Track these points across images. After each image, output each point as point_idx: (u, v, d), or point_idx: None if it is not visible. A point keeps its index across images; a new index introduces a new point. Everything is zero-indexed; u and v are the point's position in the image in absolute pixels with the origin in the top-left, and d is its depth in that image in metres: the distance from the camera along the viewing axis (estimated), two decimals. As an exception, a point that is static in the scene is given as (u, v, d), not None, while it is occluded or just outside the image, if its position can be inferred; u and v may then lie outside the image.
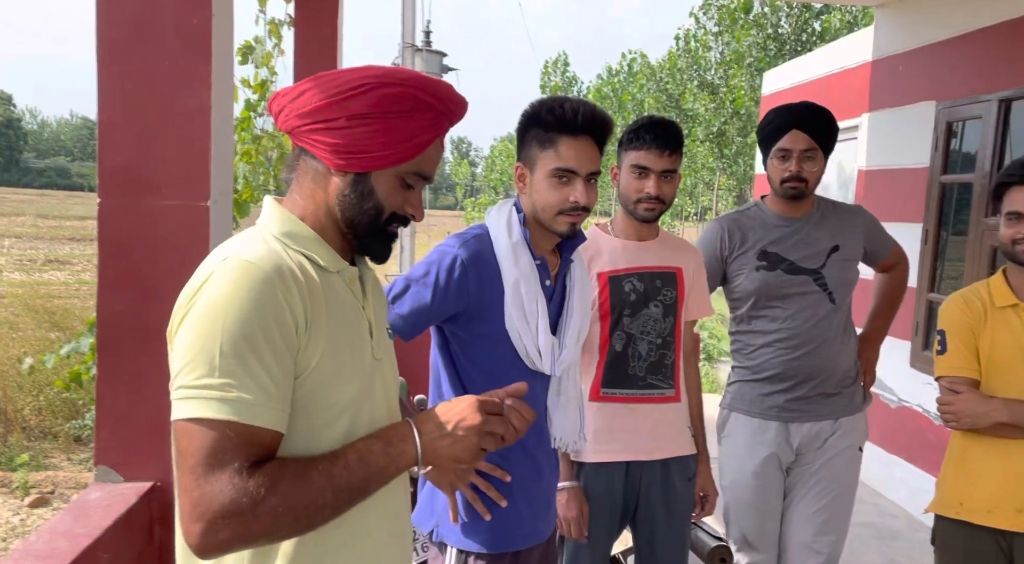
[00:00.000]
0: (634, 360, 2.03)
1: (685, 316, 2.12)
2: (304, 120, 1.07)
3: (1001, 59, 3.69)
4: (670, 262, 2.08)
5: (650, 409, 2.05)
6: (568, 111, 1.51)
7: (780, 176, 2.21)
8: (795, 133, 2.18)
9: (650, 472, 2.05)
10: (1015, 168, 1.93)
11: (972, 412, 1.88)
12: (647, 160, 1.96)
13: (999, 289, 1.97)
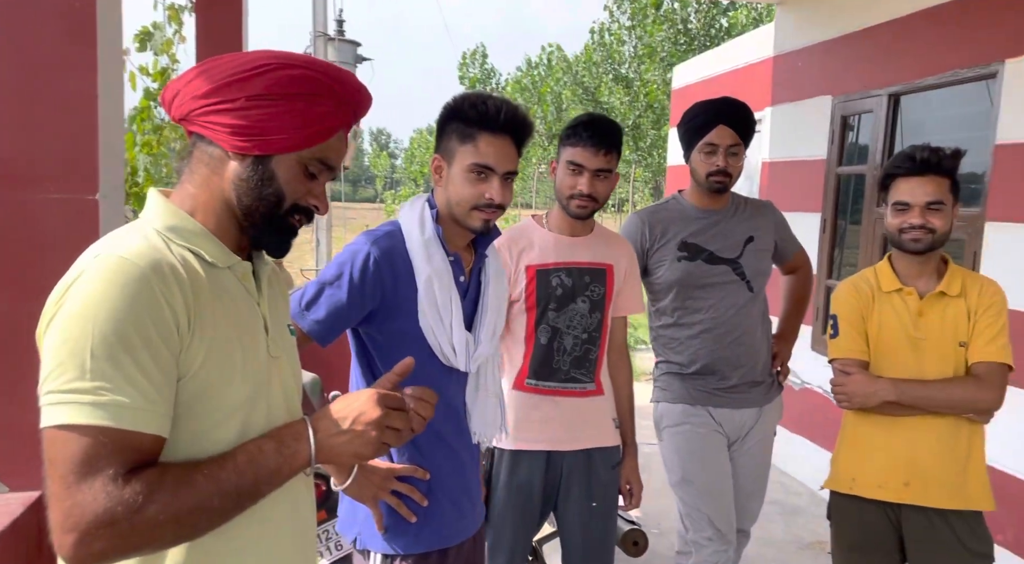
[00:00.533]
0: (559, 354, 2.05)
1: (615, 312, 2.15)
2: (200, 102, 1.03)
3: (890, 55, 3.89)
4: (602, 258, 2.10)
5: (572, 402, 2.07)
6: (491, 108, 1.50)
7: (707, 170, 2.27)
8: (722, 128, 2.25)
9: (572, 461, 2.08)
10: (900, 160, 2.03)
11: (862, 392, 1.98)
12: (582, 158, 1.99)
13: (885, 275, 2.07)
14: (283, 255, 1.15)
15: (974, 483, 1.97)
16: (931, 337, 1.98)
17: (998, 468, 3.11)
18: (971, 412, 1.94)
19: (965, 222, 3.37)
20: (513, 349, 2.09)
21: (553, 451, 2.07)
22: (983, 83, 3.28)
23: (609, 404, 2.16)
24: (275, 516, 1.09)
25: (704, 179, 2.27)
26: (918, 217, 1.95)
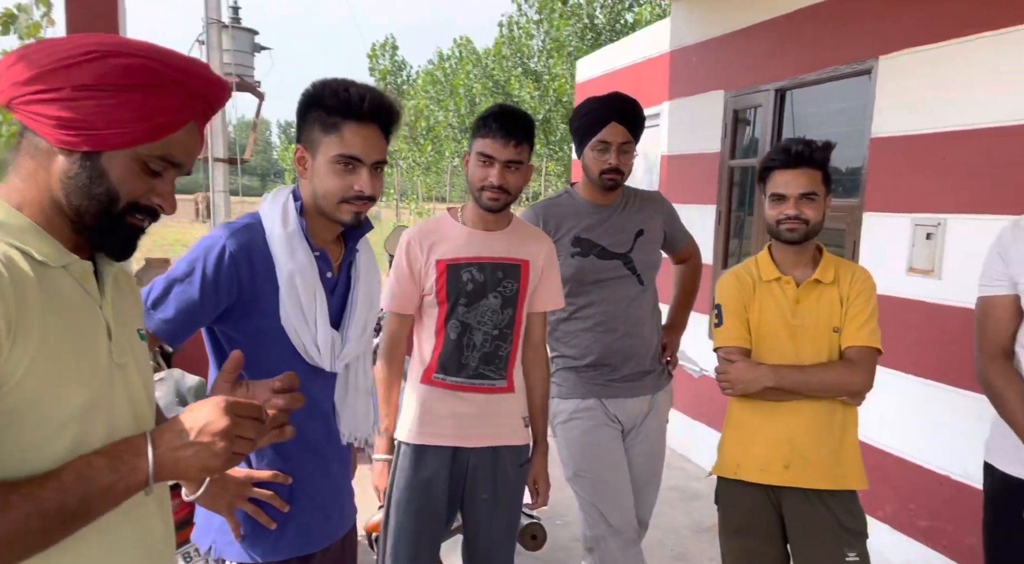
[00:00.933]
0: (468, 349, 2.02)
1: (532, 308, 2.12)
2: (23, 89, 0.94)
3: (775, 51, 4.02)
4: (517, 254, 2.07)
5: (479, 398, 2.05)
6: (354, 95, 1.43)
7: (599, 168, 2.27)
8: (614, 126, 2.25)
9: (478, 458, 2.06)
10: (776, 153, 2.09)
11: (743, 379, 2.03)
12: (492, 149, 1.95)
13: (765, 264, 2.13)
14: (125, 257, 1.07)
15: (848, 463, 2.05)
16: (807, 324, 2.05)
17: (878, 446, 3.28)
18: (844, 395, 2.02)
19: (845, 212, 3.52)
20: (423, 343, 2.06)
21: (459, 447, 2.04)
22: (861, 78, 3.42)
23: (520, 402, 2.13)
24: (123, 534, 1.01)
25: (597, 176, 2.28)
26: (793, 208, 2.01)
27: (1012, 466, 1.92)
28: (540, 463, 2.18)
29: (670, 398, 2.51)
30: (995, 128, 2.74)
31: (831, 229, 3.65)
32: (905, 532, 3.11)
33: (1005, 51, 2.70)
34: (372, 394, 1.67)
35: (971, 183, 2.85)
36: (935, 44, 2.99)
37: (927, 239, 3.04)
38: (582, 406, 2.34)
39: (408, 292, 2.04)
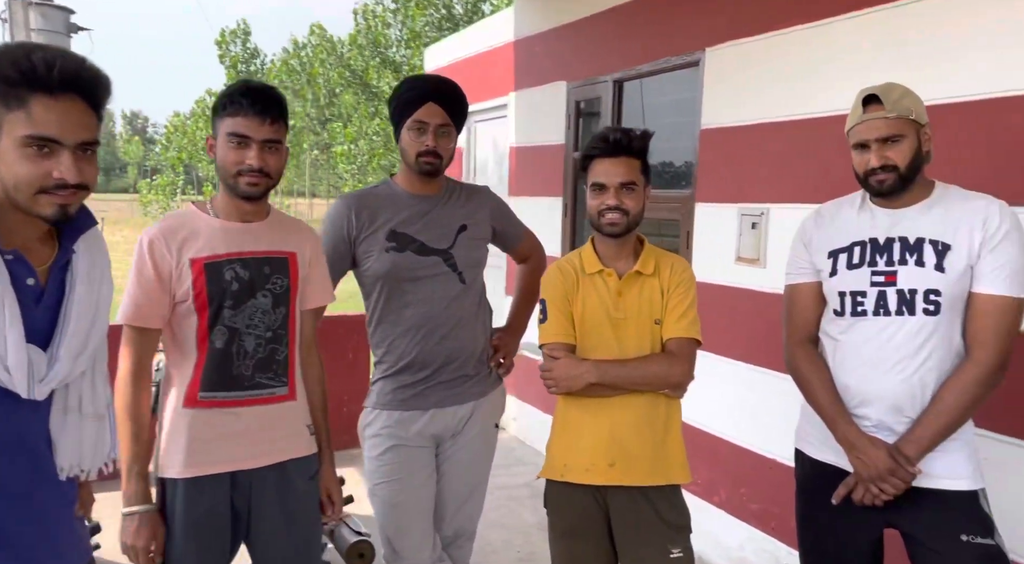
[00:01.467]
0: (239, 358, 1.79)
1: (303, 305, 1.93)
2: None
3: (612, 43, 4.02)
4: (281, 246, 1.86)
5: (258, 411, 1.83)
6: (39, 63, 1.18)
7: (416, 150, 2.11)
8: (431, 106, 2.10)
9: (262, 479, 1.84)
10: (596, 141, 2.02)
11: (568, 376, 1.95)
12: (246, 128, 1.74)
13: (588, 257, 2.06)
14: None
15: (672, 457, 2.01)
16: (630, 316, 2.00)
17: (712, 433, 3.34)
18: (666, 387, 1.98)
19: (679, 203, 3.57)
20: (180, 361, 1.80)
21: (239, 471, 1.82)
22: (690, 70, 3.46)
23: (304, 409, 1.95)
24: None
25: (414, 160, 2.12)
26: (613, 198, 1.95)
27: (820, 452, 1.94)
28: (329, 472, 2.00)
29: (501, 402, 2.39)
30: (811, 119, 2.82)
31: (666, 220, 3.69)
32: (738, 516, 3.19)
33: (820, 43, 2.78)
34: (106, 417, 1.42)
35: (790, 173, 2.93)
36: (756, 36, 3.06)
37: (752, 229, 3.10)
38: (391, 421, 2.18)
39: (156, 301, 1.77)
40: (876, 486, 1.77)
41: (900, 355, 1.78)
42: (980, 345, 1.74)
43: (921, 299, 1.76)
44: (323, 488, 1.97)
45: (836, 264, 1.89)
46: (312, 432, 1.96)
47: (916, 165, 1.79)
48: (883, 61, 2.51)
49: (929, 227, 1.79)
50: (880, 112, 1.77)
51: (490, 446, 2.35)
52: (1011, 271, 1.71)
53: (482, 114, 5.85)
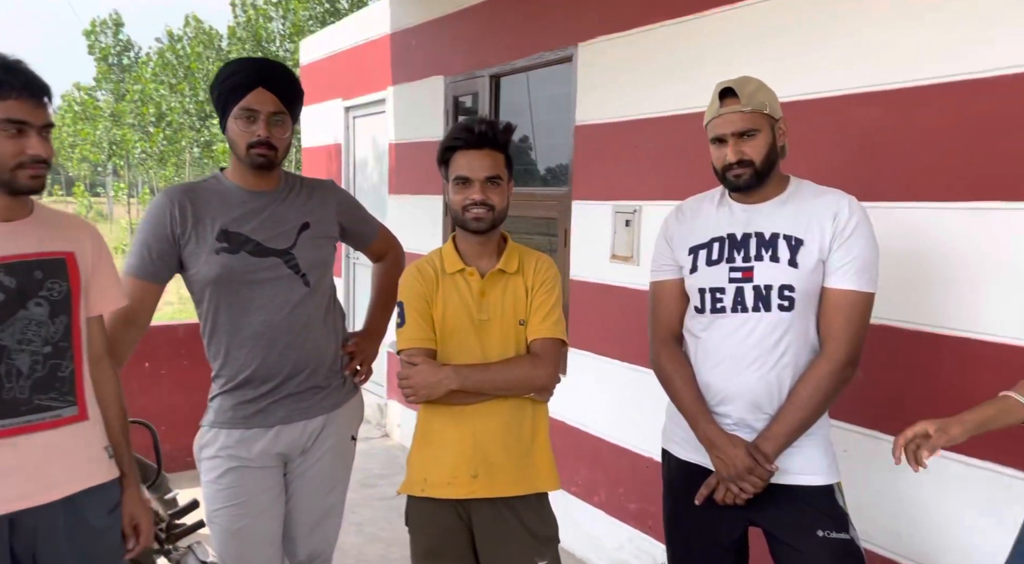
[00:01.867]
0: (11, 379, 1.55)
1: (89, 311, 1.70)
2: None
3: (488, 37, 3.93)
4: (54, 245, 1.63)
5: (42, 438, 1.59)
6: None
7: (246, 140, 1.91)
8: (261, 92, 1.89)
9: (49, 519, 1.60)
10: (458, 132, 1.89)
11: (427, 383, 1.82)
12: (23, 113, 1.52)
13: (449, 256, 1.94)
14: None
15: (539, 465, 1.92)
16: (493, 317, 1.89)
17: (592, 433, 3.30)
18: (531, 391, 1.89)
19: (557, 201, 3.51)
20: None
21: (20, 512, 1.57)
22: (564, 66, 3.41)
23: (99, 430, 1.72)
24: None
25: (244, 152, 1.92)
26: (479, 192, 1.84)
27: (684, 451, 1.91)
28: (133, 497, 1.77)
29: (358, 413, 2.23)
30: (680, 115, 2.82)
31: (545, 218, 3.63)
32: (617, 516, 3.16)
33: (687, 39, 2.78)
34: None
35: (661, 170, 2.92)
36: (626, 32, 3.03)
37: (626, 226, 3.08)
38: (231, 440, 1.98)
39: None
40: (736, 485, 1.74)
41: (758, 352, 1.76)
42: (832, 340, 1.74)
43: (776, 295, 1.75)
44: (126, 517, 1.75)
45: (696, 260, 1.86)
46: (111, 455, 1.73)
47: (771, 160, 1.78)
48: (747, 57, 2.52)
49: (783, 222, 1.78)
50: (736, 106, 1.75)
51: (346, 461, 2.19)
52: (860, 266, 1.71)
53: (361, 109, 5.65)
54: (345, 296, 5.85)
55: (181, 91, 20.80)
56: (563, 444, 3.34)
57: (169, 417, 4.24)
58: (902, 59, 2.11)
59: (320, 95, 6.26)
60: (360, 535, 3.62)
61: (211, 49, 19.49)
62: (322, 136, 6.28)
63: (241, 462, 1.98)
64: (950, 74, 2.00)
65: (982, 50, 1.93)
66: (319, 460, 2.09)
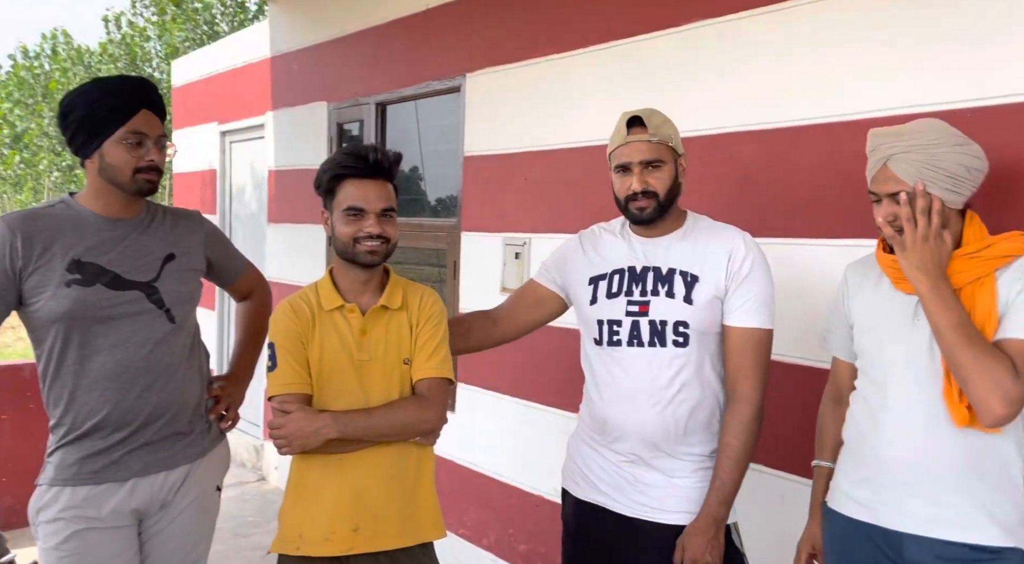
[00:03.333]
0: None
1: None
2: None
3: (375, 64, 3.82)
4: None
5: None
6: None
7: (134, 165, 1.75)
8: (147, 114, 1.77)
9: None
10: (350, 160, 1.76)
11: (302, 432, 1.67)
12: None
13: (326, 291, 1.80)
14: None
15: (424, 513, 1.80)
16: (376, 357, 1.77)
17: (482, 472, 3.19)
18: (417, 435, 1.77)
19: (445, 232, 3.43)
20: None
21: None
22: (453, 95, 3.35)
23: None
24: None
25: (129, 178, 1.75)
26: (375, 225, 1.72)
27: (584, 492, 1.85)
28: None
29: (223, 464, 2.03)
30: (568, 149, 2.81)
31: (434, 249, 3.54)
32: (506, 558, 3.05)
33: (573, 73, 2.78)
34: None
35: (550, 202, 2.89)
36: (513, 64, 3.01)
37: (516, 258, 3.03)
38: (76, 499, 1.75)
39: None
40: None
41: (654, 387, 1.73)
42: (744, 379, 1.72)
43: (671, 331, 1.73)
44: None
45: (596, 291, 1.83)
46: None
47: (673, 193, 1.78)
48: (632, 93, 2.54)
49: (679, 258, 1.77)
50: (644, 135, 1.73)
51: (210, 515, 1.98)
52: (758, 303, 1.72)
53: (238, 134, 5.38)
54: (219, 332, 5.50)
55: (39, 111, 19.36)
56: (451, 484, 3.22)
57: (11, 467, 3.82)
58: (780, 100, 2.17)
59: (194, 118, 5.94)
60: (231, 591, 3.33)
61: (79, 66, 18.27)
62: (196, 161, 5.94)
63: (88, 524, 1.75)
64: (822, 116, 2.07)
65: (848, 95, 2.01)
66: (180, 514, 1.88)
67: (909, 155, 1.50)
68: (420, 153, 3.83)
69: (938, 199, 1.48)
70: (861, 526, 1.59)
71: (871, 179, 1.57)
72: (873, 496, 1.57)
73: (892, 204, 1.52)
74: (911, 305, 1.55)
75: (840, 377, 1.77)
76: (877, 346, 1.60)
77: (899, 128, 1.58)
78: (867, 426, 1.59)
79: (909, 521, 1.51)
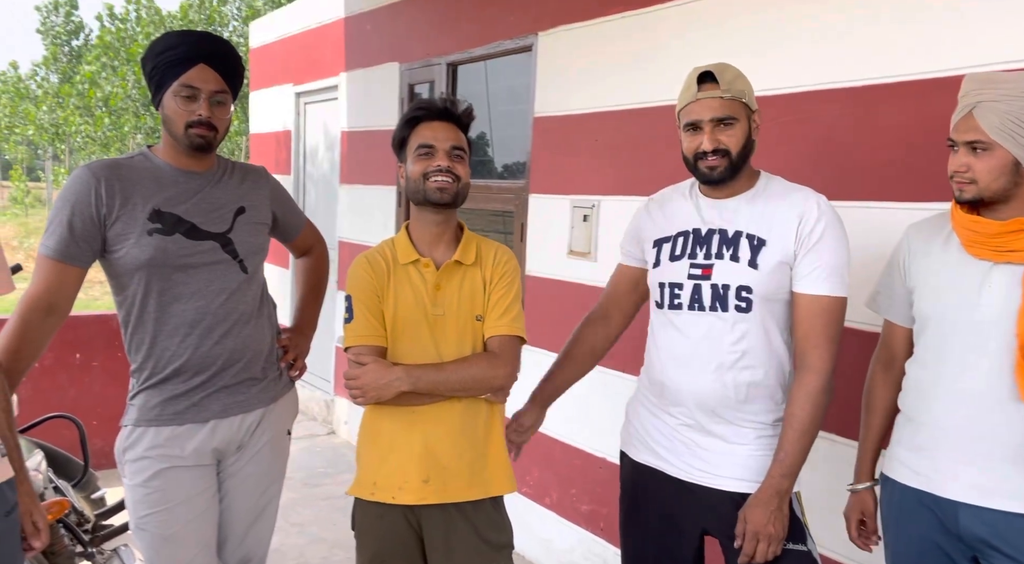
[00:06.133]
0: None
1: None
2: None
3: (446, 23, 3.82)
4: None
5: None
6: None
7: (185, 120, 1.79)
8: (203, 69, 1.78)
9: None
10: (424, 104, 1.83)
11: (376, 384, 1.71)
12: None
13: (402, 245, 1.83)
14: None
15: (494, 467, 1.83)
16: (449, 312, 1.79)
17: (543, 432, 3.22)
18: (487, 391, 1.80)
19: (513, 194, 3.43)
20: None
21: None
22: (524, 55, 3.32)
23: None
24: None
25: (182, 132, 1.80)
26: (445, 159, 1.74)
27: (640, 453, 1.85)
28: (28, 496, 1.60)
29: (292, 410, 2.11)
30: (640, 109, 2.76)
31: (501, 211, 3.54)
32: (568, 518, 3.09)
33: (649, 31, 2.72)
34: None
35: (621, 164, 2.85)
36: (587, 22, 2.96)
37: (584, 221, 3.01)
38: (160, 439, 1.84)
39: None
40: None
41: (712, 352, 1.70)
42: (812, 349, 1.66)
43: (733, 295, 1.69)
44: (24, 517, 1.59)
45: (660, 254, 1.81)
46: (3, 453, 1.57)
47: (746, 152, 1.71)
48: (711, 51, 2.46)
49: (747, 220, 1.72)
50: (716, 91, 1.67)
51: (282, 457, 2.07)
52: (829, 269, 1.65)
53: (312, 95, 5.47)
54: (292, 289, 5.67)
55: (122, 75, 20.09)
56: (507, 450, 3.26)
57: (101, 411, 4.05)
58: (866, 56, 2.08)
59: (270, 80, 6.06)
60: (302, 536, 3.48)
61: (161, 29, 18.85)
62: (271, 122, 6.08)
63: (172, 462, 1.85)
64: (914, 72, 1.97)
65: (941, 50, 1.91)
66: (256, 455, 1.97)
67: (998, 105, 1.45)
68: (488, 115, 3.82)
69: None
70: (917, 494, 1.59)
71: (954, 125, 1.53)
72: (929, 464, 1.57)
73: (968, 154, 1.48)
74: (981, 271, 1.51)
75: (894, 341, 1.74)
76: (941, 312, 1.57)
77: (994, 74, 1.53)
78: (926, 393, 1.58)
79: (964, 490, 1.51)
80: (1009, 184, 1.48)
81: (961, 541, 1.54)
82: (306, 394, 5.06)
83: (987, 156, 1.48)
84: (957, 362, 1.54)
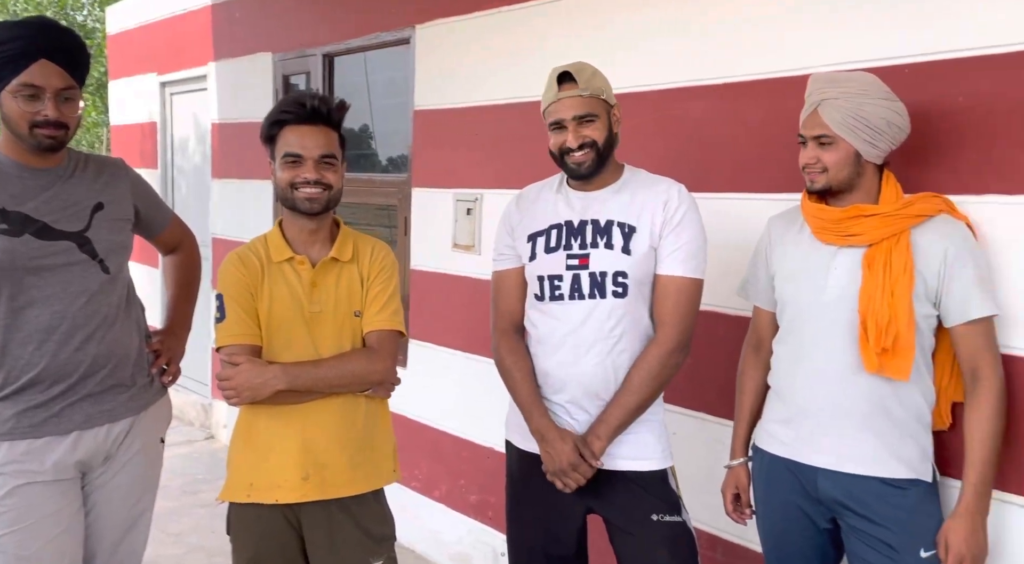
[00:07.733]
0: None
1: None
2: None
3: (322, 13, 3.73)
4: None
5: None
6: None
7: (29, 120, 1.66)
8: (45, 65, 1.65)
9: None
10: (289, 105, 1.77)
11: (251, 384, 1.67)
12: None
13: (275, 243, 1.79)
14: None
15: (376, 460, 1.82)
16: (326, 309, 1.76)
17: (431, 425, 3.23)
18: (367, 386, 1.78)
19: (396, 188, 3.40)
20: None
21: None
22: (403, 47, 3.29)
23: None
24: None
25: (27, 132, 1.67)
26: (312, 171, 1.71)
27: (525, 442, 1.89)
28: None
29: (167, 414, 2.02)
30: (518, 103, 2.80)
31: (384, 206, 3.50)
32: (458, 509, 3.11)
33: (524, 27, 2.76)
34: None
35: (501, 158, 2.89)
36: (463, 15, 2.97)
37: (467, 215, 3.03)
38: (15, 453, 1.72)
39: None
40: (561, 479, 1.75)
41: (594, 338, 1.77)
42: (662, 325, 1.77)
43: (611, 282, 1.76)
44: None
45: (535, 248, 1.85)
46: None
47: (609, 145, 1.79)
48: (587, 47, 2.53)
49: (617, 210, 1.79)
50: (574, 90, 1.74)
51: (155, 467, 1.98)
52: (688, 253, 1.75)
53: (179, 85, 5.20)
54: (161, 288, 5.38)
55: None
56: (402, 438, 3.22)
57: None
58: (728, 56, 2.20)
59: (131, 69, 5.71)
60: (179, 545, 3.33)
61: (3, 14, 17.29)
62: (134, 113, 5.73)
63: (29, 478, 1.73)
64: (767, 71, 2.10)
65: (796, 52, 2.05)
66: (125, 466, 1.87)
67: (838, 102, 1.60)
68: (370, 108, 3.77)
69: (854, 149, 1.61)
70: (784, 462, 1.74)
71: (802, 122, 1.67)
72: (794, 434, 1.72)
73: (816, 148, 1.62)
74: (828, 255, 1.66)
75: (761, 325, 1.89)
76: (795, 295, 1.72)
77: (835, 74, 1.69)
78: (788, 370, 1.74)
79: (823, 457, 1.67)
80: (853, 174, 1.64)
81: (821, 504, 1.69)
82: (182, 398, 4.82)
83: (832, 149, 1.62)
84: (810, 340, 1.69)
